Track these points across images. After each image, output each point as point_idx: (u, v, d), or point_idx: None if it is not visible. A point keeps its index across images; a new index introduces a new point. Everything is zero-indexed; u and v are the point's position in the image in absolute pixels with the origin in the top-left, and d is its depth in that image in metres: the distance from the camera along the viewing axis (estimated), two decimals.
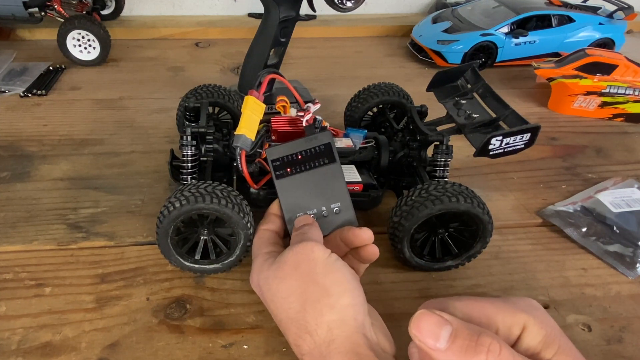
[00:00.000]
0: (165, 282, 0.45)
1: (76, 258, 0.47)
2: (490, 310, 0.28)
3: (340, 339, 0.31)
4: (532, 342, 0.27)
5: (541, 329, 0.27)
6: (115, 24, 0.99)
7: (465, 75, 0.55)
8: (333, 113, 0.72)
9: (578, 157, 0.67)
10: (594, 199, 0.55)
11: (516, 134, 0.46)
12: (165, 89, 0.80)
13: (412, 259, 0.46)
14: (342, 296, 0.33)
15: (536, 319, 0.27)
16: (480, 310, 0.28)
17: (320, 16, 0.67)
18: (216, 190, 0.41)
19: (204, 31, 1.03)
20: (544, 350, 0.27)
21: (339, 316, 0.32)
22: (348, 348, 0.31)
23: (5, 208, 0.53)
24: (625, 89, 0.74)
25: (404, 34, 1.07)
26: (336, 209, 0.41)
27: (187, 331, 0.41)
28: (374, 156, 0.51)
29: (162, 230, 0.41)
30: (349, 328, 0.32)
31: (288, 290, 0.34)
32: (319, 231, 0.39)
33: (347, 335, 0.32)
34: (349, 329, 0.32)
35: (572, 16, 0.91)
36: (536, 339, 0.27)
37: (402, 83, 0.62)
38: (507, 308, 0.28)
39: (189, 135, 0.47)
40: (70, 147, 0.63)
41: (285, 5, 0.61)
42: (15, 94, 0.75)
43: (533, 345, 0.27)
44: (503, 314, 0.28)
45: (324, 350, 0.31)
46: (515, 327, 0.27)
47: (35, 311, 0.42)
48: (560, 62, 0.80)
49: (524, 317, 0.27)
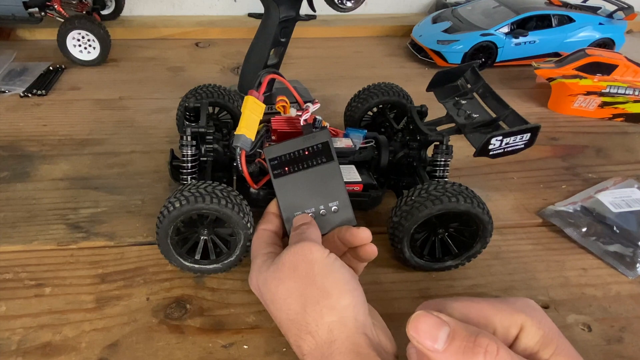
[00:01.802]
0: (165, 282, 0.45)
1: (76, 258, 0.47)
2: (487, 310, 0.28)
3: (341, 339, 0.31)
4: (529, 342, 0.27)
5: (539, 329, 0.27)
6: (115, 24, 0.99)
7: (465, 75, 0.55)
8: (333, 113, 0.72)
9: (578, 157, 0.67)
10: (594, 199, 0.55)
11: (516, 134, 0.46)
12: (165, 89, 0.80)
13: (412, 259, 0.46)
14: (342, 297, 0.33)
15: (534, 319, 0.27)
16: (478, 310, 0.28)
17: (320, 16, 0.67)
18: (216, 190, 0.41)
19: (204, 31, 1.03)
20: (542, 350, 0.27)
21: (339, 317, 0.32)
22: (349, 348, 0.31)
23: (5, 208, 0.53)
24: (625, 89, 0.74)
25: (404, 34, 1.07)
26: (334, 207, 0.41)
27: (187, 331, 0.41)
28: (374, 156, 0.51)
29: (162, 230, 0.41)
30: (350, 328, 0.32)
31: (287, 291, 0.34)
32: (318, 230, 0.39)
33: (347, 335, 0.32)
34: (349, 330, 0.32)
35: (572, 16, 0.91)
36: (534, 339, 0.27)
37: (402, 83, 0.61)
38: (505, 308, 0.28)
39: (188, 135, 0.47)
40: (70, 147, 0.63)
41: (285, 5, 0.61)
42: (15, 94, 0.75)
43: (530, 346, 0.27)
44: (501, 314, 0.28)
45: (325, 351, 0.31)
46: (512, 327, 0.27)
47: (35, 311, 0.42)
48: (560, 62, 0.80)
49: (521, 318, 0.27)
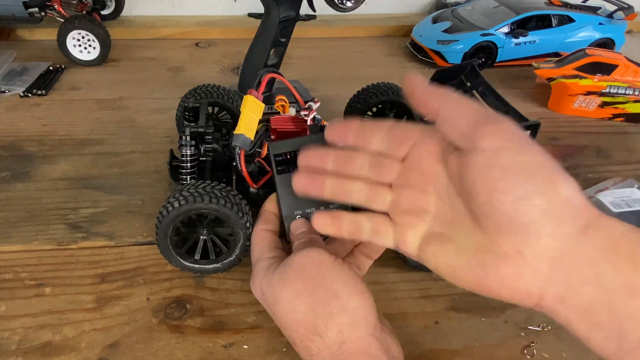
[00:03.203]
0: (165, 282, 0.45)
1: (76, 258, 0.47)
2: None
3: (351, 340, 0.31)
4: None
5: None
6: (115, 24, 0.99)
7: (465, 73, 0.55)
8: (333, 113, 0.72)
9: (578, 157, 0.67)
10: (594, 199, 0.55)
11: None
12: (165, 89, 0.80)
13: (412, 259, 0.45)
14: (352, 298, 0.33)
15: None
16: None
17: (320, 16, 0.67)
18: (215, 190, 0.41)
19: (204, 31, 1.03)
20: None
21: (349, 318, 0.32)
22: (359, 349, 0.31)
23: (5, 208, 0.53)
24: (625, 89, 0.74)
25: (404, 34, 1.07)
26: (335, 208, 0.41)
27: (187, 331, 0.41)
28: None
29: (162, 230, 0.41)
30: (360, 330, 0.32)
31: (294, 292, 0.34)
32: (322, 240, 0.39)
33: (357, 336, 0.32)
34: (359, 331, 0.32)
35: (572, 16, 0.91)
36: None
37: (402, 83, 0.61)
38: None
39: (188, 135, 0.47)
40: (70, 147, 0.64)
41: (285, 5, 0.61)
42: (15, 94, 0.75)
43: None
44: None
45: (335, 351, 0.31)
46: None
47: (35, 311, 0.42)
48: (560, 62, 0.80)
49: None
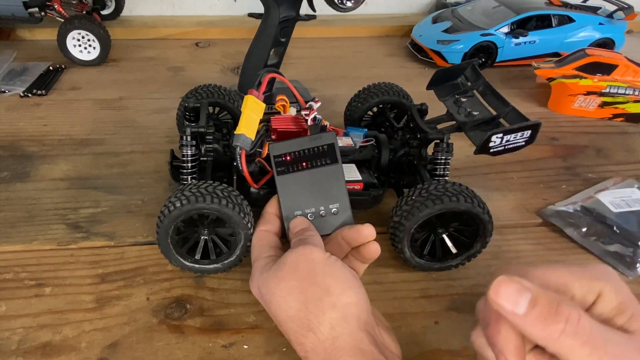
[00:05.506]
0: (165, 282, 0.45)
1: (76, 258, 0.47)
2: (567, 277, 0.28)
3: (344, 336, 0.32)
4: (605, 309, 0.28)
5: (616, 296, 0.27)
6: (115, 24, 0.99)
7: (465, 73, 0.55)
8: (333, 113, 0.72)
9: (578, 157, 0.67)
10: (594, 199, 0.55)
11: (517, 131, 0.46)
12: (165, 89, 0.80)
13: (412, 259, 0.46)
14: (343, 294, 0.33)
15: (612, 286, 0.28)
16: (557, 277, 0.28)
17: (320, 16, 0.67)
18: (216, 190, 0.41)
19: (204, 31, 1.03)
20: (617, 316, 0.27)
21: (340, 314, 0.32)
22: (352, 345, 0.31)
23: (5, 208, 0.53)
24: (625, 89, 0.74)
25: (404, 34, 1.07)
26: (334, 209, 0.41)
27: (187, 331, 0.41)
28: (374, 155, 0.51)
29: (163, 230, 0.41)
30: (352, 325, 0.32)
31: (287, 289, 0.34)
32: (319, 237, 0.39)
33: (350, 332, 0.32)
34: (351, 327, 0.32)
35: (572, 16, 0.91)
36: (610, 306, 0.27)
37: (402, 83, 0.61)
38: (584, 275, 0.28)
39: (188, 135, 0.47)
40: (70, 147, 0.63)
41: (285, 5, 0.61)
42: (15, 94, 0.75)
43: (606, 312, 0.28)
44: (580, 281, 0.28)
45: (328, 347, 0.32)
46: (590, 294, 0.28)
47: (35, 311, 0.42)
48: (560, 62, 0.80)
49: (600, 284, 0.28)
